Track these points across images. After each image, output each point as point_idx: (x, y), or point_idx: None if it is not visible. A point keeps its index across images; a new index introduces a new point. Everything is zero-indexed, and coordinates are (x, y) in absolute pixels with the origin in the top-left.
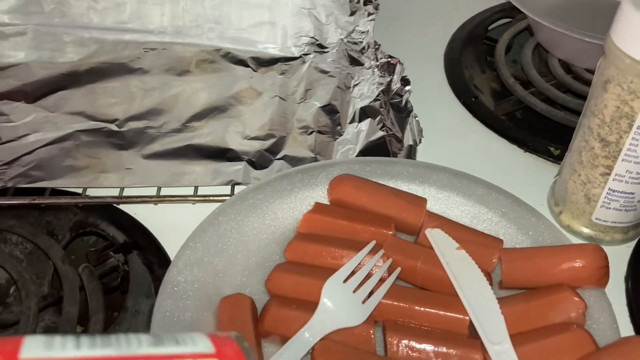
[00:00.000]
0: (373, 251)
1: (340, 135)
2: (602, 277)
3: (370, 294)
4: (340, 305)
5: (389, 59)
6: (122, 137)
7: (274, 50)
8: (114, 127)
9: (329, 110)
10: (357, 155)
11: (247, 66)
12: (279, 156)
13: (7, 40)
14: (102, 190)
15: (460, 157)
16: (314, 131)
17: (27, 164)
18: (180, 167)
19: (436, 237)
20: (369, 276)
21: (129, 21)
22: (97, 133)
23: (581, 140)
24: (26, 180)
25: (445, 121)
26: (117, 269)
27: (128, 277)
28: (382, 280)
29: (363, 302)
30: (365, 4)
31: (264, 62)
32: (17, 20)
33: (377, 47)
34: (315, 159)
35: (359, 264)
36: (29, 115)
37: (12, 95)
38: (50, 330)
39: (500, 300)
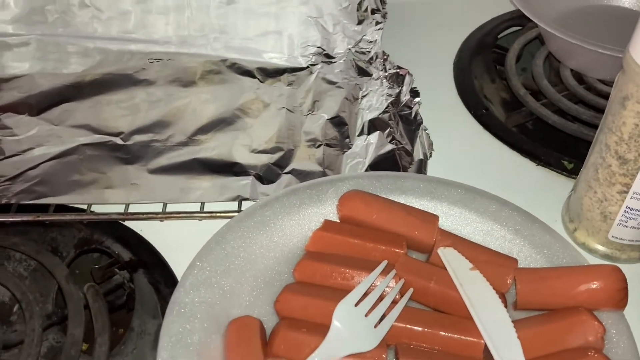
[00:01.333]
0: (385, 271)
1: (349, 148)
2: (621, 299)
3: (383, 316)
4: (352, 329)
5: (398, 70)
6: (128, 151)
7: (280, 61)
8: (119, 140)
9: (337, 122)
10: (366, 169)
11: (254, 77)
12: (286, 170)
13: (11, 50)
14: (107, 207)
15: (471, 171)
16: (322, 144)
17: (31, 179)
18: (187, 182)
19: (449, 256)
20: (381, 298)
21: (134, 31)
22: (102, 147)
23: (597, 157)
24: (30, 197)
25: (455, 133)
26: (122, 286)
27: (133, 295)
28: (394, 302)
29: (375, 326)
30: (373, 13)
31: (271, 73)
32: (21, 31)
33: (385, 57)
34: (323, 173)
35: (371, 285)
36: (32, 128)
37: (16, 108)
38: (55, 349)
39: (516, 323)
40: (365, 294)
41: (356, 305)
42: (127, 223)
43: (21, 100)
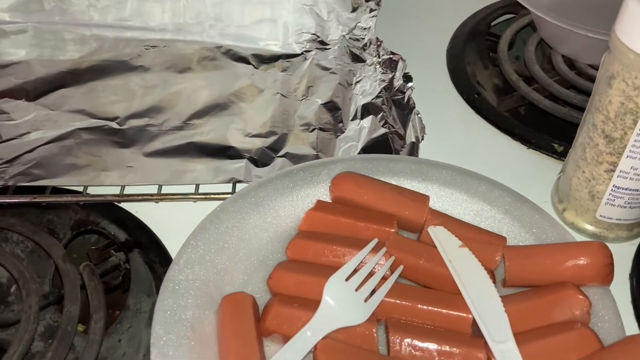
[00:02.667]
0: (375, 249)
1: (342, 132)
2: (607, 274)
3: (373, 292)
4: (342, 303)
5: (391, 56)
6: (123, 135)
7: (275, 47)
8: (115, 125)
9: (331, 107)
10: (359, 153)
11: (249, 63)
12: (280, 154)
13: (7, 38)
14: (103, 189)
15: (463, 154)
16: (315, 128)
17: (28, 162)
18: (182, 165)
19: (439, 234)
20: (371, 274)
21: (130, 18)
22: (98, 131)
23: (585, 137)
24: (27, 179)
25: (447, 118)
26: (118, 267)
27: (129, 276)
28: (384, 279)
29: (365, 300)
30: (367, 0)
31: (266, 59)
32: (18, 18)
33: (379, 43)
34: (317, 157)
35: (361, 262)
36: (29, 113)
37: (13, 94)
38: (52, 328)
39: (504, 298)
40: (356, 271)
41: (347, 280)
42: (122, 205)
43: (18, 86)
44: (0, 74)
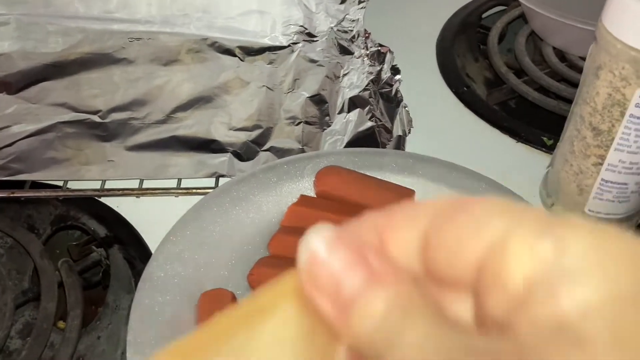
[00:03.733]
0: None
1: (329, 125)
2: None
3: None
4: None
5: (379, 48)
6: (105, 129)
7: (262, 39)
8: (96, 118)
9: (318, 100)
10: (345, 146)
11: (234, 55)
12: (265, 147)
13: None
14: (83, 183)
15: (451, 148)
16: (301, 122)
17: (6, 156)
18: (164, 159)
19: None
20: None
21: (116, 10)
22: (79, 124)
23: (573, 130)
24: (5, 173)
25: (436, 111)
26: (99, 264)
27: (109, 271)
28: None
29: None
30: None
31: (252, 52)
32: (1, 10)
33: (367, 35)
34: (302, 150)
35: None
36: (10, 106)
37: None
38: (30, 326)
39: None
40: None
41: None
42: (103, 199)
43: None
44: None
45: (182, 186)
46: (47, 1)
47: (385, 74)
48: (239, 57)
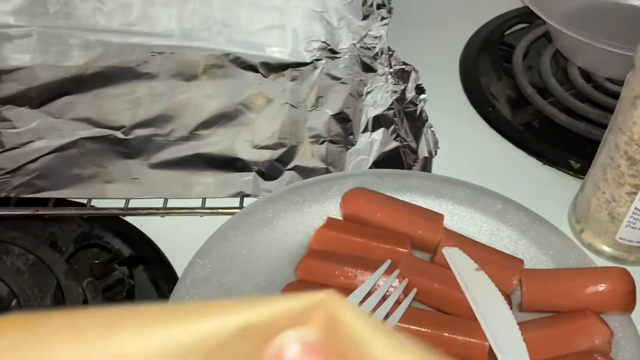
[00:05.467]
0: (388, 271)
1: (353, 145)
2: (628, 302)
3: (386, 316)
4: None
5: (403, 66)
6: (129, 145)
7: (284, 55)
8: (120, 134)
9: (341, 118)
10: (370, 167)
11: (257, 72)
12: (289, 166)
13: (12, 42)
14: (107, 201)
15: (476, 169)
16: (325, 140)
17: (30, 172)
18: (188, 178)
19: (454, 256)
20: (384, 298)
21: (136, 23)
22: (102, 141)
23: (606, 157)
24: (30, 190)
25: (461, 131)
26: (122, 282)
27: (133, 291)
28: (397, 302)
29: None
30: (378, 8)
31: (274, 68)
32: (22, 22)
33: (390, 53)
34: (327, 170)
35: (374, 285)
36: (33, 121)
37: (16, 100)
38: None
39: (522, 325)
40: (369, 294)
41: (359, 305)
42: (127, 218)
43: (22, 92)
44: (3, 80)
45: (207, 205)
46: (67, 13)
47: (410, 93)
48: (261, 73)
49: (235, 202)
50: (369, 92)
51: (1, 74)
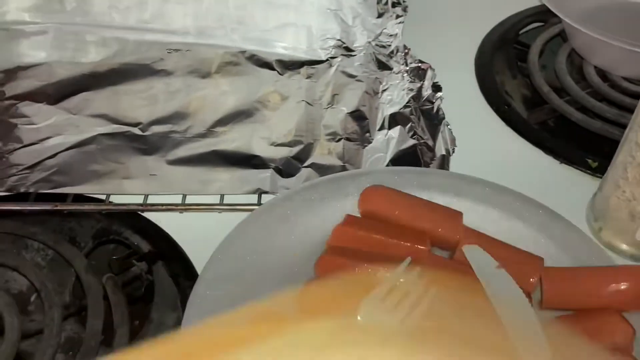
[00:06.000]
0: (408, 268)
1: (369, 142)
2: None
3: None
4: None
5: (419, 64)
6: (146, 142)
7: (299, 53)
8: (137, 130)
9: (357, 116)
10: (387, 164)
11: (273, 69)
12: (306, 164)
13: (28, 39)
14: (126, 197)
15: (493, 168)
16: (342, 138)
17: (49, 168)
18: (206, 174)
19: (474, 254)
20: (405, 295)
21: (151, 21)
22: (120, 137)
23: (627, 156)
24: (48, 186)
25: (477, 129)
26: (139, 278)
27: (151, 287)
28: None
29: (401, 322)
30: (393, 6)
31: (290, 65)
32: (38, 19)
33: (406, 51)
34: (344, 167)
35: (395, 282)
36: (50, 117)
37: (34, 97)
38: (72, 340)
39: (544, 322)
40: (390, 291)
41: (381, 302)
42: (145, 214)
43: (39, 88)
44: (21, 76)
45: (225, 202)
46: (83, 10)
47: (426, 91)
48: (277, 71)
49: (253, 198)
50: (384, 90)
51: (18, 70)
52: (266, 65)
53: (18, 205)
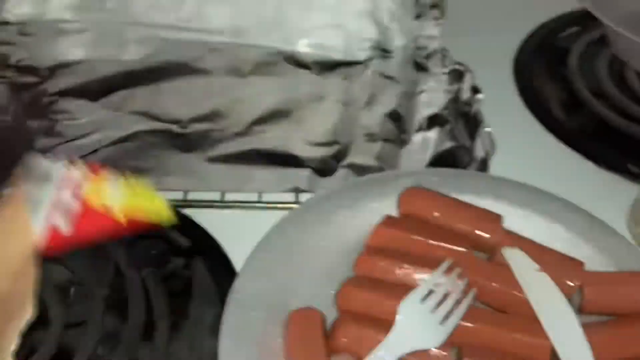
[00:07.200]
0: (449, 269)
1: (407, 144)
2: None
3: (448, 315)
4: (418, 325)
5: (458, 66)
6: (186, 140)
7: (336, 54)
8: (177, 128)
9: (395, 117)
10: (426, 166)
11: (310, 69)
12: (343, 164)
13: (69, 36)
14: (166, 194)
15: (531, 171)
16: (379, 139)
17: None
18: (245, 172)
19: (514, 257)
20: (445, 296)
21: (190, 20)
22: (160, 134)
23: None
24: None
25: (515, 132)
26: (177, 273)
27: (190, 282)
28: (458, 301)
29: (441, 323)
30: (431, 8)
31: (327, 66)
32: (79, 17)
33: (444, 53)
34: (381, 168)
35: (436, 283)
36: (92, 113)
37: (76, 93)
38: (113, 334)
39: (585, 327)
40: (431, 292)
41: (421, 302)
42: (185, 210)
43: (81, 85)
44: (63, 73)
45: (263, 200)
46: (123, 8)
47: (465, 93)
48: (314, 72)
49: (291, 197)
50: (422, 92)
51: (60, 67)
52: (303, 65)
53: None
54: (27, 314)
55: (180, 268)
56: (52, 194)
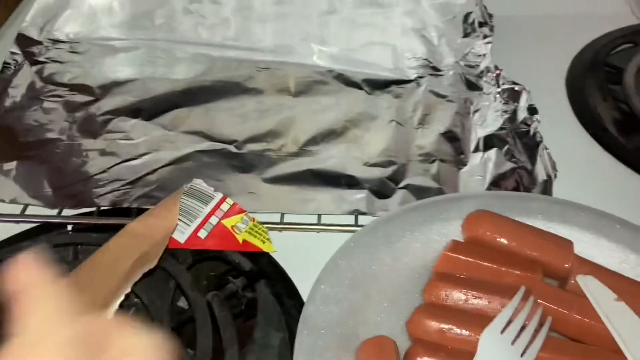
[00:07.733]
0: (523, 298)
1: (464, 164)
2: None
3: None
4: (499, 357)
5: (514, 86)
6: (242, 160)
7: (386, 72)
8: (233, 148)
9: (450, 137)
10: (487, 188)
11: (361, 88)
12: (401, 185)
13: (119, 55)
14: None
15: (592, 193)
16: (436, 159)
17: (150, 184)
18: (302, 193)
19: (590, 285)
20: (523, 327)
21: (237, 38)
22: (216, 154)
23: None
24: (150, 202)
25: (574, 153)
26: (236, 295)
27: (251, 305)
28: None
29: (522, 355)
30: (480, 26)
31: (378, 85)
32: (127, 35)
33: (498, 72)
34: (440, 190)
35: (514, 312)
36: (146, 133)
37: (128, 112)
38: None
39: None
40: (509, 322)
41: (501, 333)
42: None
43: (133, 104)
44: (115, 92)
45: (322, 222)
46: (171, 27)
47: (522, 113)
48: (365, 90)
49: (350, 219)
50: (476, 111)
51: (113, 85)
52: (354, 84)
53: (122, 220)
54: (152, 265)
55: (240, 290)
56: (205, 213)
